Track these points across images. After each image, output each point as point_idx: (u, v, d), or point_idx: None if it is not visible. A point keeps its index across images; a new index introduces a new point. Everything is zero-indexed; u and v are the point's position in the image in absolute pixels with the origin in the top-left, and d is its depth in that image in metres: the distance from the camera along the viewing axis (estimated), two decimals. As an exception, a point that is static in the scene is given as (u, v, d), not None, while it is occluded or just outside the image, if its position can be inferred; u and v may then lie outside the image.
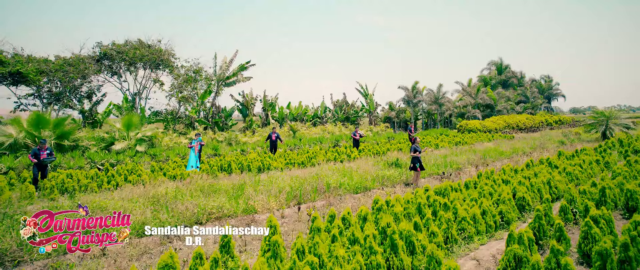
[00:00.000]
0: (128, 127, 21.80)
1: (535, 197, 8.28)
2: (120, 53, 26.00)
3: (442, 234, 5.77)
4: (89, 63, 24.44)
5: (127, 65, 27.16)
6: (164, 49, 28.58)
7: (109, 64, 26.81)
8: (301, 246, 4.86)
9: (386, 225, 5.37)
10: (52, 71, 22.12)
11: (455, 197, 7.48)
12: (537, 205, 7.13)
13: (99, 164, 14.54)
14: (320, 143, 24.27)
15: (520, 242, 4.65)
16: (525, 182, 8.53)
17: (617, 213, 7.82)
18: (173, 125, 29.26)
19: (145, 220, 6.97)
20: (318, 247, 4.72)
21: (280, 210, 8.49)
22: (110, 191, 9.86)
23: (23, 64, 21.20)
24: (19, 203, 7.52)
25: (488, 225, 6.49)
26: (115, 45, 26.27)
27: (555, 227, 5.64)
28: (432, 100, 42.40)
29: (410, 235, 5.07)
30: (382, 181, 11.55)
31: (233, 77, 30.74)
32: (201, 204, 7.79)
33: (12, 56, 21.72)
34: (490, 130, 34.79)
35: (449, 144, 23.08)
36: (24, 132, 18.19)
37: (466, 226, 5.99)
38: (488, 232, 6.48)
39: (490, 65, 60.09)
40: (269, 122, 35.29)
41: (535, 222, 6.11)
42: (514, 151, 18.35)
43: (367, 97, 44.87)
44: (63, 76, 22.48)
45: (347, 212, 6.38)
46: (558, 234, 5.62)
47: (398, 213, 6.17)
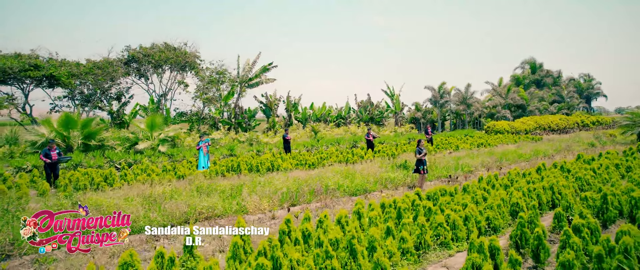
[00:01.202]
0: (151, 128, 22.60)
1: (534, 203, 7.92)
2: (147, 56, 27.02)
3: (415, 240, 5.65)
4: (117, 66, 25.55)
5: (153, 67, 28.18)
6: (188, 52, 29.45)
7: (136, 67, 27.93)
8: (262, 249, 4.92)
9: (353, 230, 5.33)
10: (83, 74, 23.31)
11: (443, 202, 7.29)
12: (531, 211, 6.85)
13: (116, 164, 15.20)
14: (337, 144, 24.22)
15: (480, 251, 4.49)
16: (524, 188, 8.18)
17: (623, 221, 7.37)
18: (198, 126, 30.10)
19: (135, 218, 7.24)
20: (276, 250, 4.75)
21: (271, 212, 8.57)
22: (121, 189, 10.29)
23: (56, 68, 22.47)
24: (18, 201, 8.00)
25: (470, 232, 6.29)
26: (142, 49, 27.34)
27: (534, 236, 5.40)
28: (460, 101, 41.33)
29: (373, 241, 5.00)
30: (385, 183, 11.41)
31: (255, 78, 31.23)
32: (192, 203, 8.00)
33: (46, 60, 23.08)
34: (519, 131, 33.52)
35: (471, 145, 22.46)
36: (54, 132, 19.31)
37: (442, 232, 5.84)
38: (469, 238, 6.28)
39: (524, 64, 57.88)
40: (291, 122, 35.59)
41: (517, 230, 5.87)
42: (535, 154, 17.60)
43: (393, 97, 44.36)
44: (93, 79, 23.64)
45: (324, 215, 6.37)
46: (536, 243, 5.38)
47: (373, 217, 6.09)
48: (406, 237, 5.42)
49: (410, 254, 5.36)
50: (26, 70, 21.67)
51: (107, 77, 24.67)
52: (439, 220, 5.89)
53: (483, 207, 7.22)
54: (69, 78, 22.75)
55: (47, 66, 22.40)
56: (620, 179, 10.89)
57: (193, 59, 29.78)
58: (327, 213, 5.99)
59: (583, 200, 7.57)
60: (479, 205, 7.36)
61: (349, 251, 4.89)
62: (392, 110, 44.28)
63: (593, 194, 7.76)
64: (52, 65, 22.71)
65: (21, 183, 10.69)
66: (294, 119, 36.18)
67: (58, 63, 23.21)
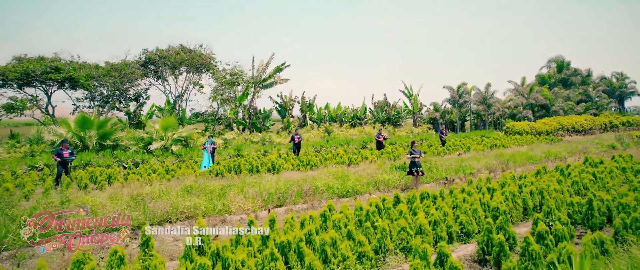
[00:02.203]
0: (165, 128, 23.17)
1: (518, 208, 7.68)
2: (163, 58, 27.74)
3: (375, 244, 5.59)
4: (134, 68, 26.36)
5: (170, 69, 28.90)
6: (204, 53, 30.04)
7: (154, 69, 28.71)
8: (215, 249, 5.00)
9: (307, 233, 5.33)
10: (101, 76, 24.19)
11: (417, 206, 7.18)
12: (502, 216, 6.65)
13: (124, 163, 15.70)
14: (347, 145, 24.14)
15: (423, 257, 4.40)
16: (514, 191, 7.94)
17: (611, 228, 7.04)
18: (213, 126, 30.66)
19: (115, 217, 7.47)
20: (225, 251, 4.82)
21: (255, 212, 8.66)
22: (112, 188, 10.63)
23: (76, 70, 23.41)
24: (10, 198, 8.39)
25: (439, 237, 6.16)
26: (159, 51, 28.09)
27: (496, 243, 5.25)
28: (480, 101, 40.35)
29: (324, 244, 4.99)
30: (377, 185, 11.31)
31: (269, 79, 31.52)
32: (175, 203, 8.18)
33: (67, 63, 24.08)
34: (539, 132, 32.42)
35: (484, 147, 21.92)
36: (72, 132, 20.11)
37: (405, 236, 5.75)
38: (438, 243, 6.15)
39: (550, 63, 55.90)
40: (306, 123, 35.72)
41: (484, 236, 5.72)
42: (547, 156, 17.01)
43: (412, 97, 43.78)
44: (110, 81, 24.50)
45: (291, 217, 6.40)
46: (497, 250, 5.22)
47: (337, 220, 6.07)
48: (363, 240, 5.37)
49: (366, 257, 5.30)
50: (48, 72, 22.69)
51: (124, 78, 25.48)
52: (401, 224, 5.81)
53: (460, 211, 7.07)
54: (88, 80, 23.66)
55: (67, 69, 23.38)
56: (622, 184, 10.38)
57: (208, 60, 30.35)
58: (312, 214, 6.04)
59: (569, 206, 7.28)
60: (457, 210, 7.19)
61: (297, 254, 4.91)
62: (410, 111, 43.70)
63: (580, 199, 7.46)
64: (72, 68, 23.69)
65: (27, 181, 11.21)
66: (309, 119, 36.29)
67: (78, 65, 24.19)
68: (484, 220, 6.97)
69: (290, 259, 4.98)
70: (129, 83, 26.27)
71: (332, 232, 5.47)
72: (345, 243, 5.29)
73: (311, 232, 5.32)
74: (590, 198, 7.02)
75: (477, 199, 7.42)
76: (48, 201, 8.04)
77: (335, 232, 5.50)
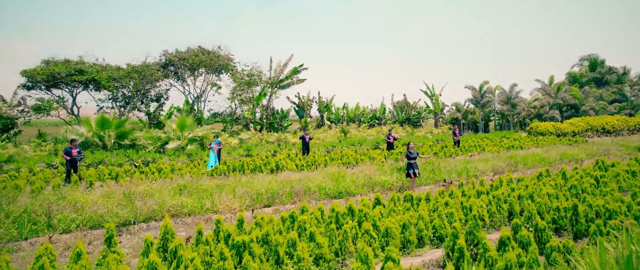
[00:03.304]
0: (182, 128, 23.76)
1: (502, 212, 7.44)
2: (182, 59, 28.49)
3: (336, 247, 5.57)
4: (154, 70, 27.21)
5: (189, 70, 29.64)
6: (222, 54, 30.62)
7: (174, 70, 29.53)
8: (173, 248, 5.13)
9: (265, 234, 5.37)
10: (121, 78, 25.12)
11: (397, 209, 7.09)
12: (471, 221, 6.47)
13: (135, 162, 16.25)
14: (359, 145, 24.00)
15: (364, 261, 4.35)
16: (491, 196, 7.70)
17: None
18: (231, 127, 31.21)
19: (103, 214, 7.78)
20: (180, 249, 4.94)
21: (241, 212, 8.77)
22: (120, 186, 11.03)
23: (98, 72, 24.43)
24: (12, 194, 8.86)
25: (408, 241, 6.06)
26: (178, 53, 28.86)
27: (457, 248, 5.12)
28: (504, 101, 39.14)
29: (277, 245, 5.02)
30: (373, 187, 11.22)
31: (286, 80, 31.77)
32: (163, 201, 8.41)
33: (90, 65, 25.15)
34: (565, 133, 31.12)
35: (500, 148, 21.31)
36: (92, 132, 20.99)
37: (368, 240, 5.69)
38: (407, 247, 6.06)
39: (583, 61, 53.50)
40: (324, 123, 35.77)
41: (450, 241, 5.60)
42: (562, 158, 16.33)
43: (433, 97, 43.02)
44: (130, 82, 25.42)
45: (261, 217, 6.47)
46: (457, 256, 5.09)
47: (302, 221, 6.07)
48: (322, 243, 5.36)
49: (324, 259, 5.29)
50: (72, 75, 23.79)
51: (144, 80, 26.34)
52: (366, 227, 5.75)
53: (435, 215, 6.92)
54: (109, 81, 24.62)
55: (90, 71, 24.42)
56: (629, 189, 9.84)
57: (226, 61, 30.91)
58: (284, 215, 6.09)
59: (555, 211, 7.00)
60: (435, 213, 7.05)
61: (249, 254, 4.96)
62: (432, 111, 42.95)
63: (567, 204, 7.15)
64: (95, 70, 24.71)
65: (37, 178, 11.81)
66: (327, 119, 36.31)
67: (100, 68, 25.22)
68: (458, 224, 6.80)
69: (245, 258, 5.04)
70: (150, 84, 27.13)
71: (293, 233, 5.49)
72: (302, 244, 5.30)
73: (268, 233, 5.36)
74: (575, 203, 6.71)
75: (458, 202, 7.25)
76: (45, 198, 8.43)
77: (295, 233, 5.51)
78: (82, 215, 7.57)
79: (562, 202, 7.90)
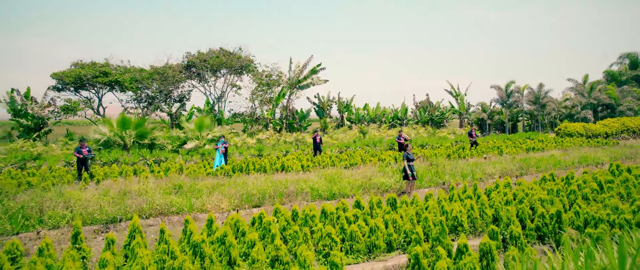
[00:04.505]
0: (200, 128, 24.35)
1: (485, 217, 7.16)
2: (204, 61, 29.16)
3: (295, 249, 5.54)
4: (176, 71, 28.01)
5: (211, 71, 30.29)
6: (243, 56, 31.11)
7: (196, 72, 30.27)
8: (132, 246, 5.27)
9: (223, 234, 5.42)
10: (144, 79, 26.03)
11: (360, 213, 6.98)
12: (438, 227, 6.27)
13: (148, 161, 16.78)
14: (374, 146, 23.75)
15: (302, 265, 4.30)
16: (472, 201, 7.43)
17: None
18: (250, 127, 31.65)
19: (93, 211, 8.09)
20: (137, 248, 5.08)
21: (228, 212, 8.90)
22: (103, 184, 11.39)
23: (121, 74, 25.42)
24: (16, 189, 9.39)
25: (374, 245, 5.95)
26: (200, 54, 29.57)
27: (412, 255, 4.98)
28: (533, 101, 37.61)
29: (229, 246, 5.06)
30: (368, 189, 11.07)
31: (305, 80, 31.88)
32: (152, 200, 8.65)
33: (114, 67, 26.22)
34: (597, 134, 29.53)
35: (518, 149, 20.51)
36: (113, 132, 21.86)
37: (328, 243, 5.63)
38: (373, 252, 5.95)
39: (622, 59, 50.52)
40: (343, 123, 35.63)
41: (411, 248, 5.45)
42: (582, 161, 15.51)
43: (458, 97, 41.93)
44: (152, 83, 26.30)
45: (231, 218, 6.53)
46: (413, 262, 4.95)
47: (267, 223, 6.08)
48: (279, 245, 5.35)
49: (280, 262, 5.27)
50: (97, 76, 24.87)
51: (166, 81, 27.17)
52: (328, 230, 5.69)
53: (413, 218, 6.76)
54: (131, 83, 25.57)
55: (114, 73, 25.44)
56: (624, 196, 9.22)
57: (247, 62, 31.37)
58: (255, 216, 6.15)
59: (540, 218, 6.67)
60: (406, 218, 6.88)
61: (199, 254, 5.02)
62: (456, 111, 41.87)
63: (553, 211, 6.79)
64: (118, 72, 25.73)
65: (49, 176, 12.44)
66: (347, 119, 36.16)
67: (123, 70, 26.23)
68: (433, 228, 6.61)
69: (176, 256, 5.12)
70: (172, 86, 27.94)
71: (253, 234, 5.53)
72: (259, 246, 5.31)
73: (226, 233, 5.40)
74: (559, 210, 6.37)
75: (436, 206, 7.04)
76: (44, 194, 8.87)
77: (255, 234, 5.53)
78: (72, 212, 7.90)
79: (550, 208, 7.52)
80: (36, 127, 24.06)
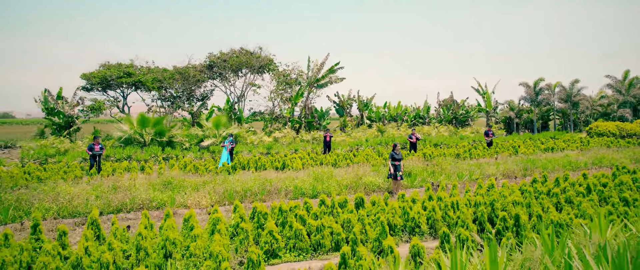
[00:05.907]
0: (217, 126, 25.01)
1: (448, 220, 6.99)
2: (225, 61, 29.87)
3: (237, 245, 5.67)
4: (197, 71, 28.86)
5: (232, 71, 30.96)
6: (263, 55, 31.58)
7: (219, 72, 31.06)
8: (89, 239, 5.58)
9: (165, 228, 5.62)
10: (166, 79, 27.03)
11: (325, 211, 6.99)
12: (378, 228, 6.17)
13: (159, 158, 17.46)
14: (386, 145, 23.50)
15: (215, 259, 4.41)
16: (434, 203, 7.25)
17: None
18: (270, 125, 32.11)
19: (78, 204, 8.57)
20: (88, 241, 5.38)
21: (206, 208, 9.17)
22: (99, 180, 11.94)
23: (144, 75, 26.52)
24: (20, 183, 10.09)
25: (319, 245, 5.98)
26: (221, 54, 30.31)
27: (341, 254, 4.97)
28: (564, 98, 35.81)
29: (167, 239, 5.25)
30: (356, 188, 11.03)
31: (323, 79, 31.94)
32: (135, 195, 9.06)
33: (138, 68, 27.38)
34: (631, 134, 27.75)
35: (536, 149, 19.70)
36: (133, 130, 22.87)
37: (269, 240, 5.71)
38: (318, 251, 5.98)
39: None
40: (363, 121, 35.42)
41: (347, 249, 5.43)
42: (596, 162, 14.68)
43: (485, 95, 40.57)
44: (173, 83, 27.25)
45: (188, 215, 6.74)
46: (340, 262, 4.95)
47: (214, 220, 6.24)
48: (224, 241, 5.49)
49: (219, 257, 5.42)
50: (121, 77, 26.08)
51: (188, 81, 28.07)
52: (269, 227, 5.78)
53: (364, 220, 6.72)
54: (154, 83, 26.62)
55: (137, 73, 26.59)
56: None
57: (267, 61, 31.82)
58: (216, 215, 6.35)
59: (501, 221, 6.45)
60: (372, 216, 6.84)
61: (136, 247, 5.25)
62: (483, 109, 40.52)
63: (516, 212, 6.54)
64: (141, 73, 26.86)
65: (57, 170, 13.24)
66: (367, 118, 35.92)
67: (146, 70, 27.33)
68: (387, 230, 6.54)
69: (125, 249, 5.35)
70: (194, 85, 28.83)
71: (199, 229, 5.71)
72: (198, 241, 5.47)
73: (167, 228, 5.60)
74: (518, 213, 6.14)
75: (396, 207, 6.96)
76: (40, 188, 9.50)
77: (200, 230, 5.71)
78: (57, 205, 8.41)
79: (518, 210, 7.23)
80: (67, 125, 25.55)
